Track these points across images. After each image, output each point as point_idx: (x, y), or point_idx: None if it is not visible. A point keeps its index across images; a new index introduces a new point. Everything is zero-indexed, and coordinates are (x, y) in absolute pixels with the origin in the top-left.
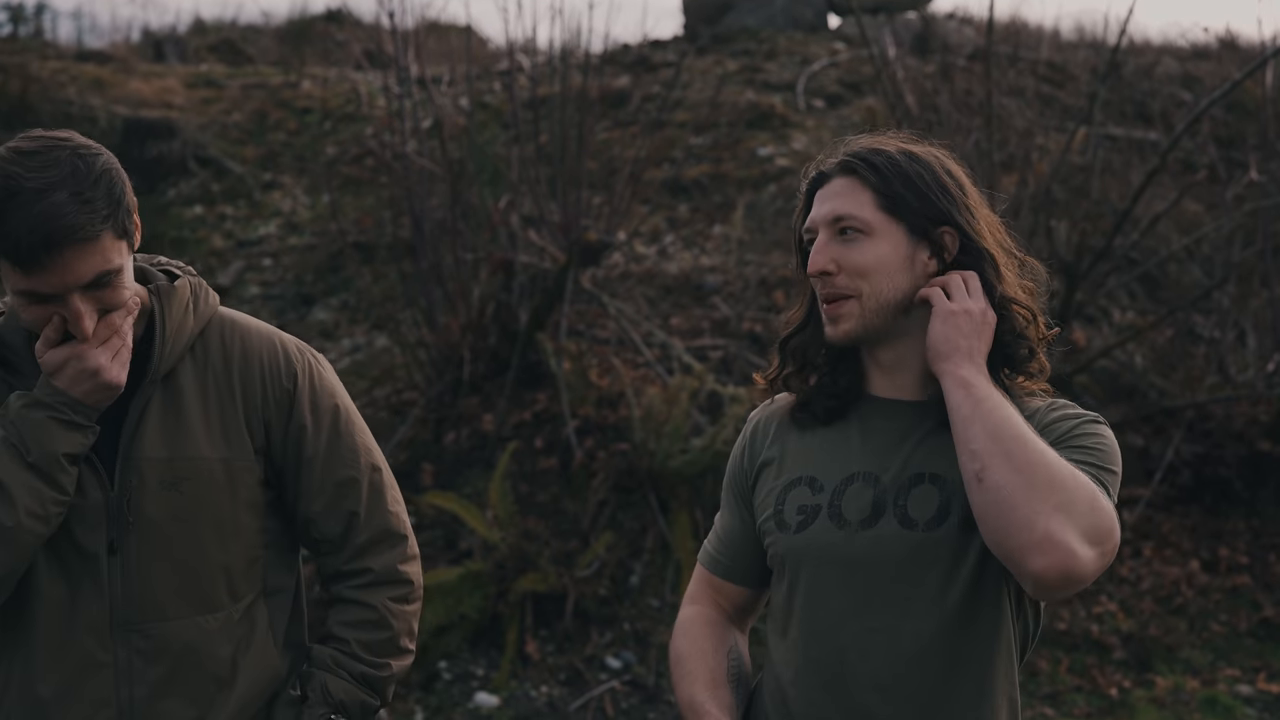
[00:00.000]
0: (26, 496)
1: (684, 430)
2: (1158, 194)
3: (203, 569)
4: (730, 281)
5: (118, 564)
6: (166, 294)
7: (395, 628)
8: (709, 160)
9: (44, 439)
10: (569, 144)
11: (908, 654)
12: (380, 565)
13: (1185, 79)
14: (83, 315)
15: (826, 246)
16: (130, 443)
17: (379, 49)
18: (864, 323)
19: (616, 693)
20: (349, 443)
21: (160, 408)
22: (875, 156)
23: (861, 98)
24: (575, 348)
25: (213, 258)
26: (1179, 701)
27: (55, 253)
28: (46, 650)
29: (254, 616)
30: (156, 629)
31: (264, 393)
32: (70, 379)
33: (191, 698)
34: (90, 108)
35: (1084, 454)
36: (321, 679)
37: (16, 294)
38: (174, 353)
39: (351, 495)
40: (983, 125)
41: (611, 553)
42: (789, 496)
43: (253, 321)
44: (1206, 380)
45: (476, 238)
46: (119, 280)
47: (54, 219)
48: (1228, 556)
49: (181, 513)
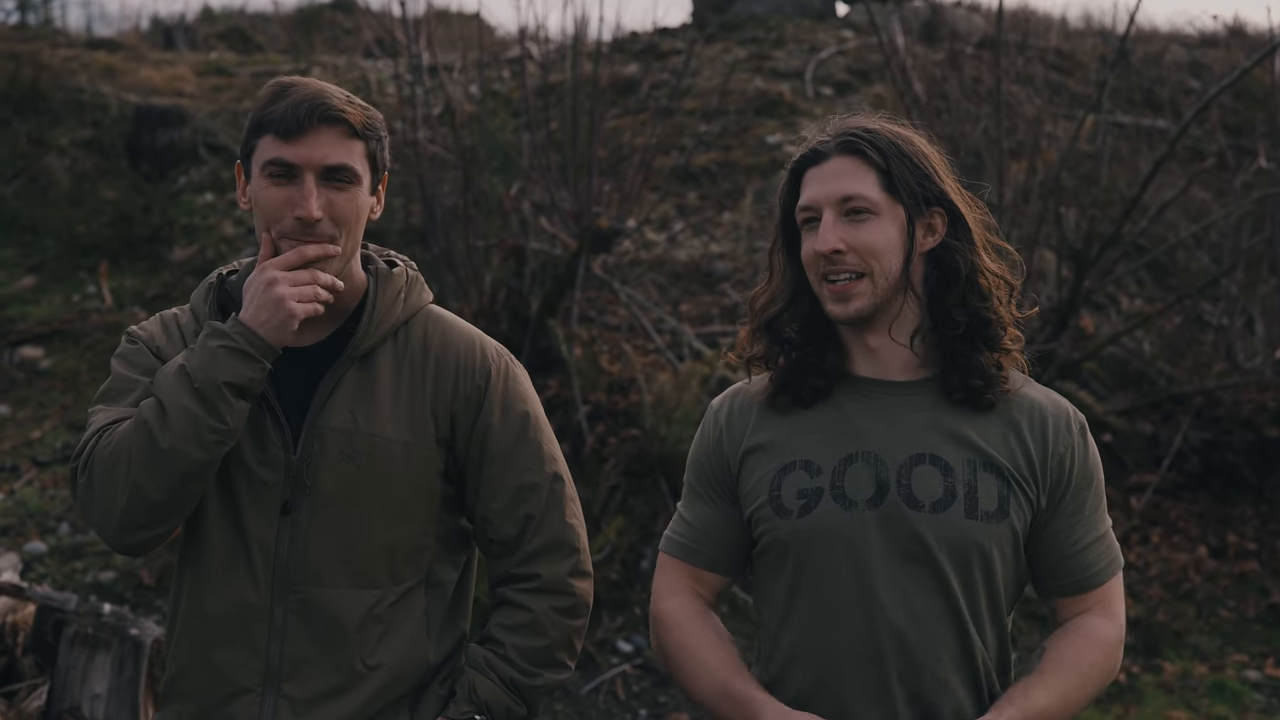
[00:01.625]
0: (183, 421)
1: (695, 416)
2: (1166, 181)
3: (367, 545)
4: (740, 268)
5: (287, 525)
6: (383, 276)
7: (553, 638)
8: (718, 147)
9: (212, 367)
10: (579, 131)
11: (918, 629)
12: (549, 574)
13: (1193, 66)
14: (313, 194)
15: (836, 226)
16: (319, 411)
17: (389, 36)
18: (875, 301)
19: (628, 676)
20: (534, 448)
21: (354, 383)
22: (875, 137)
23: (870, 85)
24: (586, 334)
25: (223, 244)
26: (1187, 687)
27: (314, 124)
28: (213, 589)
29: (411, 602)
30: (314, 594)
31: (455, 386)
32: (255, 306)
33: (336, 666)
34: (101, 95)
35: (1094, 524)
36: (471, 677)
37: (265, 167)
38: (377, 333)
39: (530, 500)
40: (991, 113)
41: (623, 537)
42: (784, 481)
43: (460, 321)
44: (1214, 367)
45: (488, 224)
46: (354, 191)
47: (323, 99)
48: (1236, 542)
49: (355, 486)
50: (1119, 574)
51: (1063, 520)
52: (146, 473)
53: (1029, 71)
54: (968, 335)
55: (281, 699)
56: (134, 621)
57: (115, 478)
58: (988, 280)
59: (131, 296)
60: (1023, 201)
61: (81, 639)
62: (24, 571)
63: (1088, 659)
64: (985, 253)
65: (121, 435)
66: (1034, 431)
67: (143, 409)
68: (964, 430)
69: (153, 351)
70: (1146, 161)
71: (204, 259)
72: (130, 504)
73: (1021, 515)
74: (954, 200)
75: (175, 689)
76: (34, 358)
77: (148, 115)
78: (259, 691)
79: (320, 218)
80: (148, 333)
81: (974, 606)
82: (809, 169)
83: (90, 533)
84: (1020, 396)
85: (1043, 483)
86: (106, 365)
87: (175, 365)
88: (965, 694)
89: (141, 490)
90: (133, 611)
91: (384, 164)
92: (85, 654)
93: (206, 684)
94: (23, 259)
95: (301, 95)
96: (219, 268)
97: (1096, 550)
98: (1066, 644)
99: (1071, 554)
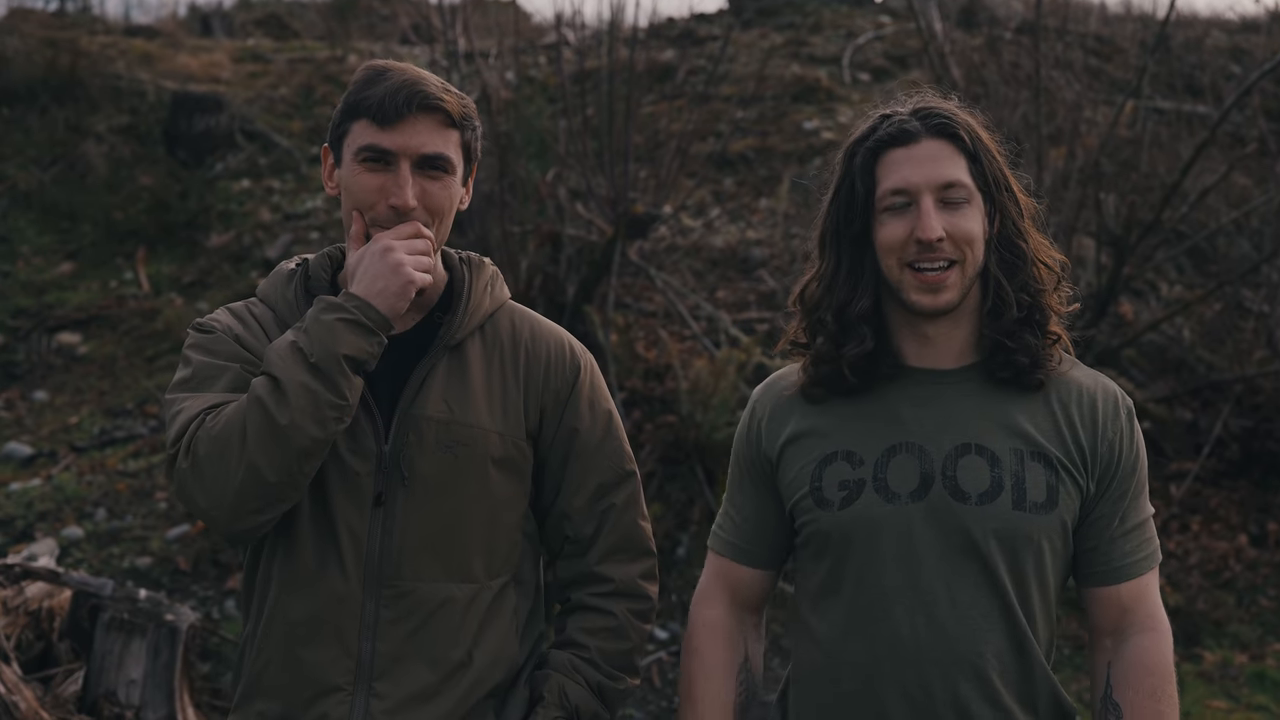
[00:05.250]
0: (302, 397)
1: (731, 403)
2: (1207, 167)
3: (463, 537)
4: (776, 255)
5: (380, 517)
6: (477, 266)
7: (634, 641)
8: (755, 134)
9: (328, 340)
10: (615, 117)
11: (963, 624)
12: (621, 576)
13: (1234, 52)
14: (408, 183)
15: (937, 213)
16: (412, 400)
17: (425, 23)
18: (962, 291)
19: (664, 663)
20: (616, 446)
21: (446, 373)
22: (961, 120)
23: (907, 71)
24: (622, 320)
25: (260, 230)
26: (1227, 676)
27: (411, 111)
28: (302, 583)
29: (504, 599)
30: (409, 587)
31: (545, 380)
32: (370, 275)
33: (433, 663)
34: (139, 82)
35: (1134, 511)
36: (560, 682)
37: (359, 153)
38: (471, 323)
39: (609, 498)
40: (1031, 98)
41: (659, 524)
42: (826, 472)
43: (543, 317)
44: (1255, 354)
45: (524, 210)
46: (448, 181)
47: (419, 86)
48: (1276, 531)
49: (453, 476)
50: (1155, 570)
51: (1107, 507)
52: (263, 451)
53: (1068, 57)
54: (1022, 320)
55: (373, 697)
56: (170, 607)
57: (227, 459)
58: (1040, 269)
59: (169, 282)
60: (1062, 187)
61: (117, 624)
62: (61, 557)
63: (1165, 702)
64: (1038, 240)
65: (231, 415)
66: (1083, 416)
67: (255, 387)
68: (1012, 417)
69: (233, 338)
70: (1187, 147)
71: (240, 245)
72: (244, 485)
73: (1070, 505)
74: (1015, 187)
75: (258, 688)
76: (71, 344)
77: (185, 102)
78: (349, 690)
79: (415, 206)
80: (221, 323)
81: (1025, 600)
82: (893, 149)
83: (127, 518)
84: (1068, 379)
85: (1092, 469)
86: (143, 351)
87: (286, 342)
88: (1011, 694)
89: (258, 469)
90: (169, 597)
91: (476, 154)
92: (121, 639)
93: (293, 683)
94: (61, 245)
95: (399, 81)
96: (284, 260)
97: (1136, 539)
98: (1137, 698)
99: (1109, 540)
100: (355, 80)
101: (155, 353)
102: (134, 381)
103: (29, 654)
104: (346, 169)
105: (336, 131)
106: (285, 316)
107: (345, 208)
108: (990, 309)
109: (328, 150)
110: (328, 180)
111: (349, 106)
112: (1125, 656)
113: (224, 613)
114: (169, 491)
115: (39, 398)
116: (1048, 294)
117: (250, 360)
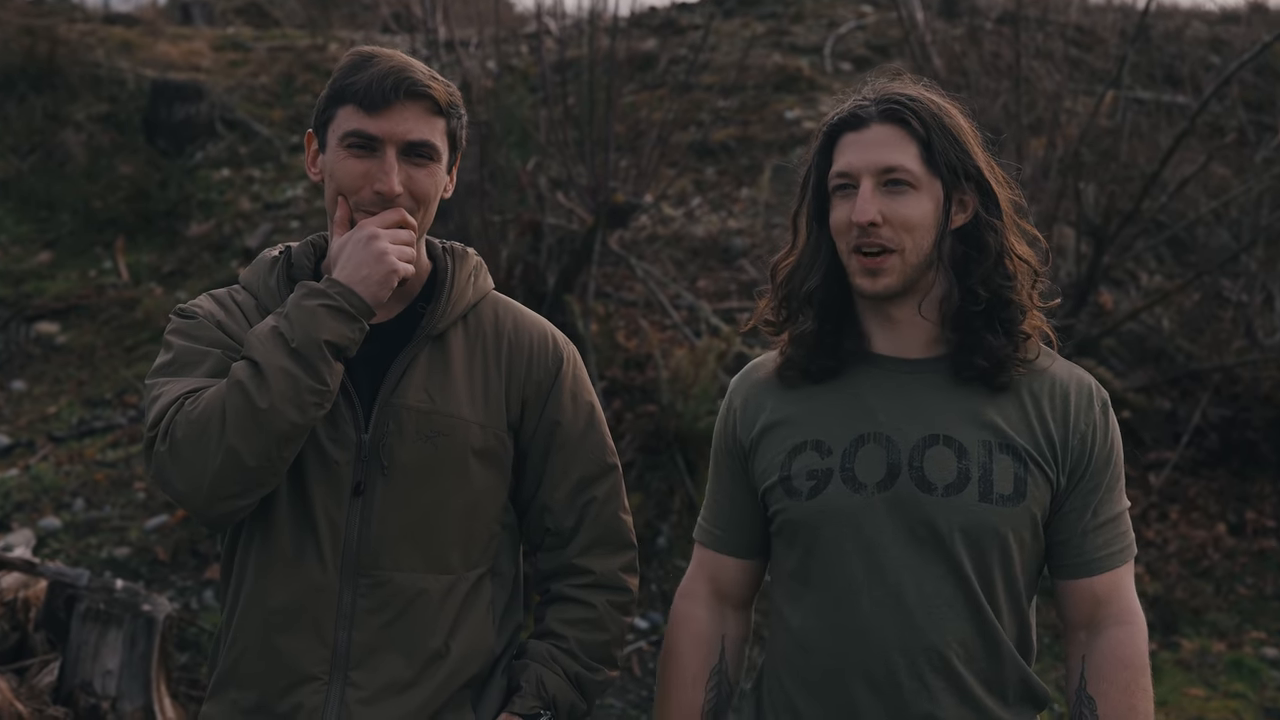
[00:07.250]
0: (282, 381)
1: (711, 392)
2: (1186, 157)
3: (442, 527)
4: (757, 244)
5: (359, 506)
6: (460, 255)
7: (612, 633)
8: (736, 123)
9: (310, 325)
10: (597, 106)
11: (928, 615)
12: (601, 568)
13: (1214, 42)
14: (393, 169)
15: (874, 197)
16: (393, 389)
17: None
18: (903, 278)
19: (644, 653)
20: (598, 439)
21: (428, 363)
22: (919, 106)
23: (889, 60)
24: (603, 309)
25: (240, 220)
26: (1205, 664)
27: (397, 98)
28: (279, 571)
29: (481, 590)
30: (386, 577)
31: (528, 371)
32: (354, 262)
33: (409, 653)
34: (118, 70)
35: (1108, 504)
36: (537, 671)
37: (344, 138)
38: (453, 312)
39: (591, 491)
40: (1011, 88)
41: (639, 514)
42: (795, 461)
43: (526, 308)
44: (1234, 343)
45: (504, 199)
46: (433, 168)
47: (406, 72)
48: (1254, 520)
49: (433, 466)
50: (1130, 564)
51: (1078, 500)
52: (242, 435)
53: (1049, 47)
54: (985, 314)
55: (349, 687)
56: (147, 598)
57: (205, 443)
58: (1014, 263)
59: (148, 272)
60: (1042, 177)
61: (93, 615)
62: (38, 547)
63: (1139, 695)
64: (1014, 235)
65: (210, 399)
66: (1055, 409)
67: (235, 371)
68: (981, 409)
69: (215, 324)
70: (1166, 137)
71: (220, 234)
72: (222, 469)
73: (1039, 497)
74: (988, 177)
75: (233, 677)
76: (50, 333)
77: (164, 90)
78: (325, 679)
79: (400, 193)
80: (203, 309)
81: (990, 592)
82: (846, 133)
83: (106, 508)
84: (1042, 372)
85: (1063, 463)
86: (122, 340)
87: (267, 327)
88: (979, 682)
89: (236, 454)
90: (148, 588)
91: (462, 143)
92: (97, 630)
93: (269, 671)
94: (39, 234)
95: (386, 67)
96: (265, 249)
97: (1109, 533)
98: (1111, 691)
99: (1080, 534)
100: (341, 65)
101: (134, 342)
102: (113, 371)
103: (4, 645)
104: (331, 154)
105: (321, 117)
106: (267, 304)
107: (329, 193)
108: (950, 301)
109: (311, 136)
110: (311, 166)
111: (335, 92)
112: (1099, 650)
113: (202, 603)
114: (147, 480)
115: (17, 387)
116: (1019, 291)
117: (232, 346)
